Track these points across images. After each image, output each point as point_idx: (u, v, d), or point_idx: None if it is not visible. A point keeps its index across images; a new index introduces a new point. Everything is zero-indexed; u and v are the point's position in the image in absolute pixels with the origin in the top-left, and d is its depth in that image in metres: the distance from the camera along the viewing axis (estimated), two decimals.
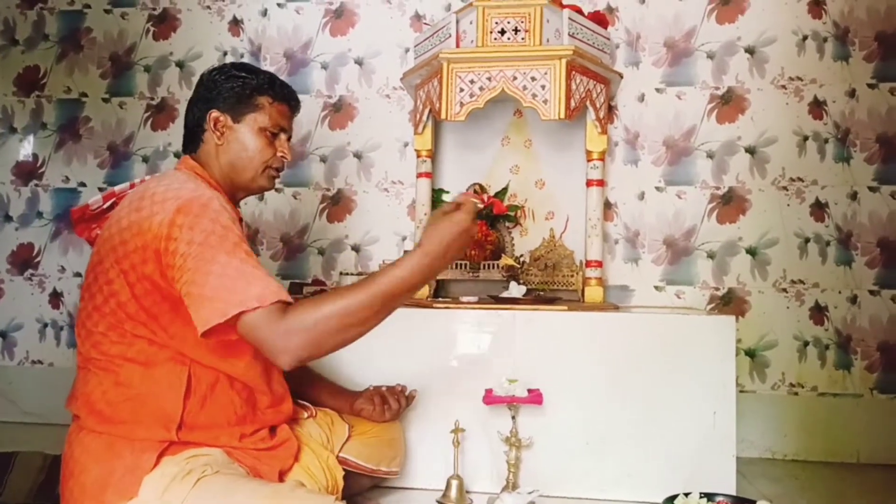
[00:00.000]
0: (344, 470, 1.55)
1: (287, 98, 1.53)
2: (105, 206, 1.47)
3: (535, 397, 1.77)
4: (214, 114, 1.45)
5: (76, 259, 2.76)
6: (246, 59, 2.70)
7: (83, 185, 2.77)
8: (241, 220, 1.47)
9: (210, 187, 1.40)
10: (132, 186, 1.46)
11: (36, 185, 2.79)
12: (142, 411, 1.27)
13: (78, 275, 2.75)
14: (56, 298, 2.76)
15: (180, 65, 2.75)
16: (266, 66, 2.68)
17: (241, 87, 1.46)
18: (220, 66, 1.52)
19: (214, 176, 1.46)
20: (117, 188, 1.48)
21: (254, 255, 1.26)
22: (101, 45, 2.79)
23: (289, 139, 1.54)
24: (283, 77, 2.62)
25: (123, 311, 1.27)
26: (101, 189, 2.75)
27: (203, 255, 1.20)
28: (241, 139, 1.46)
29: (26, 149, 2.81)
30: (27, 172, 2.80)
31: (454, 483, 1.75)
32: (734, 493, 1.74)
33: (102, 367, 1.29)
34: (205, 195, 1.29)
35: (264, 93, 1.48)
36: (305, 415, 1.59)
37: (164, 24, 2.76)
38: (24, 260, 2.78)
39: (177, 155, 2.72)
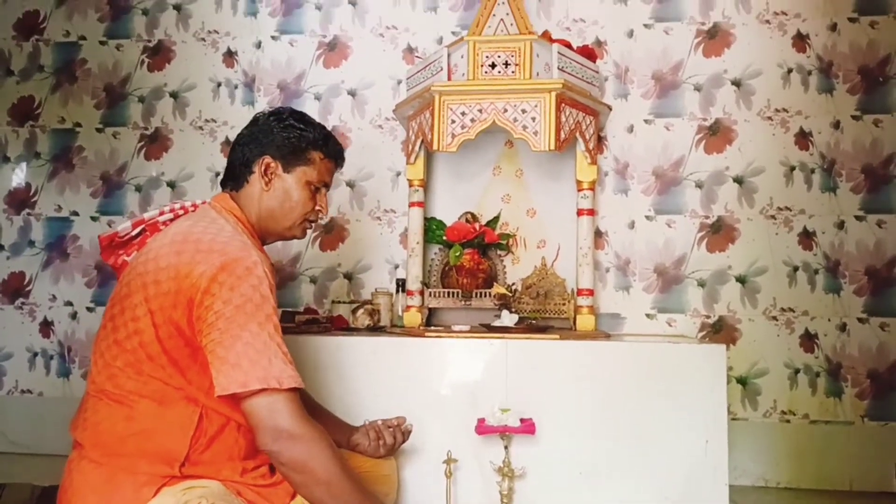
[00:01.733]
0: None
1: (336, 156, 1.55)
2: (133, 234, 1.47)
3: (527, 427, 1.77)
4: (267, 160, 1.45)
5: (67, 288, 2.75)
6: (240, 90, 2.73)
7: (76, 213, 2.77)
8: (271, 264, 1.47)
9: (245, 231, 1.41)
10: (161, 213, 1.47)
11: (28, 214, 2.80)
12: (147, 446, 1.26)
13: (69, 304, 2.74)
14: (47, 327, 2.75)
15: (174, 95, 2.77)
16: (260, 97, 2.72)
17: (298, 139, 1.47)
18: (277, 112, 1.51)
19: (251, 218, 1.46)
20: (147, 216, 1.48)
21: (280, 330, 1.27)
22: (95, 76, 2.81)
23: (326, 192, 1.57)
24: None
25: (144, 351, 1.26)
26: (93, 218, 2.76)
27: (237, 318, 1.21)
28: (288, 189, 1.47)
29: (19, 177, 2.82)
30: (20, 201, 2.80)
31: None
32: None
33: (115, 400, 1.28)
34: (251, 258, 1.28)
35: (318, 148, 1.49)
36: None
37: (159, 55, 2.79)
38: (15, 289, 2.77)
39: (170, 185, 2.74)
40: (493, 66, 2.11)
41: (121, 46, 2.81)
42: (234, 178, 1.49)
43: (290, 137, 1.47)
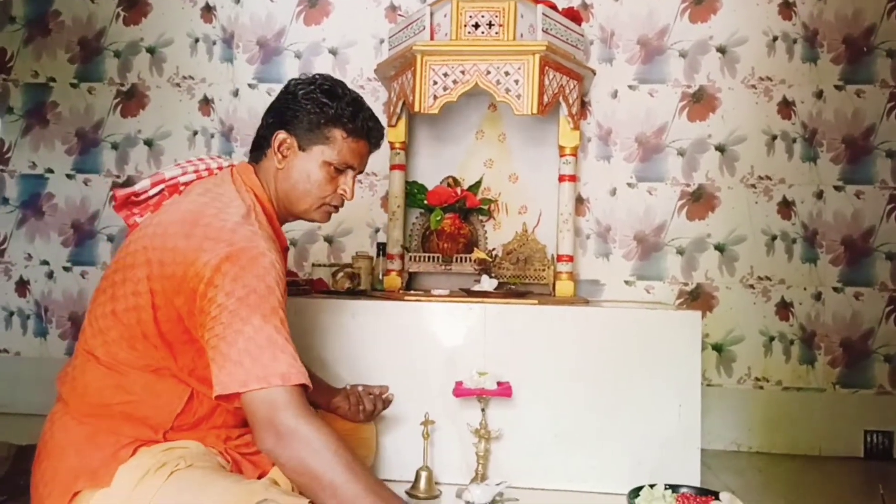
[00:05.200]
0: None
1: (367, 135, 1.41)
2: (152, 193, 1.37)
3: (504, 390, 1.78)
4: (282, 135, 1.35)
5: (43, 247, 2.71)
6: (218, 47, 2.67)
7: (51, 171, 2.72)
8: (286, 249, 1.42)
9: (264, 211, 1.34)
10: (184, 173, 1.37)
11: (2, 171, 2.74)
12: (134, 414, 1.25)
13: (45, 262, 2.70)
14: (23, 287, 2.71)
15: (151, 51, 2.70)
16: (239, 53, 2.66)
17: (318, 114, 1.35)
18: (309, 80, 1.39)
19: (271, 197, 1.38)
20: (168, 174, 1.37)
21: (286, 324, 1.19)
22: (69, 29, 2.73)
23: (357, 174, 1.44)
24: (255, 65, 2.64)
25: (140, 329, 1.22)
26: (69, 176, 2.71)
27: (239, 312, 1.14)
28: (304, 169, 1.36)
29: None
30: None
31: (423, 475, 1.76)
32: (699, 485, 1.77)
33: (107, 366, 1.26)
34: (258, 247, 1.20)
35: (340, 126, 1.36)
36: None
37: (135, 9, 2.71)
38: None
39: (147, 143, 2.69)
40: (476, 26, 2.07)
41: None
42: (254, 150, 1.41)
43: (311, 112, 1.35)
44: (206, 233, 1.20)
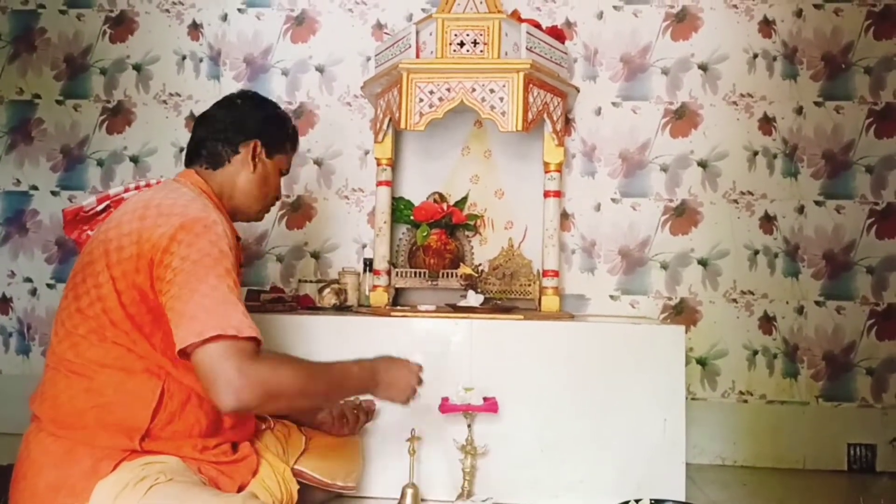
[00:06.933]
0: (299, 483, 1.55)
1: (297, 147, 1.68)
2: (98, 209, 1.49)
3: (490, 405, 1.79)
4: (258, 144, 1.52)
5: (27, 264, 2.70)
6: (205, 64, 2.68)
7: (35, 188, 2.71)
8: (238, 238, 1.49)
9: (214, 207, 1.42)
10: (126, 191, 1.50)
11: None
12: (108, 419, 1.25)
13: (28, 280, 2.69)
14: (5, 304, 2.69)
15: (137, 68, 2.71)
16: (226, 71, 2.67)
17: (284, 132, 1.60)
18: (257, 96, 1.60)
19: (221, 196, 1.50)
20: (112, 192, 1.50)
21: (238, 287, 1.29)
22: (55, 47, 2.74)
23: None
24: (242, 82, 2.67)
25: (108, 317, 1.26)
26: (53, 193, 2.70)
27: (195, 272, 1.21)
28: (268, 175, 1.56)
29: None
30: None
31: (409, 492, 1.76)
32: (684, 499, 1.78)
33: (75, 371, 1.27)
34: (210, 217, 1.30)
35: (291, 139, 1.63)
36: (263, 426, 1.59)
37: (122, 26, 2.72)
38: None
39: (133, 159, 2.69)
40: (461, 44, 2.10)
41: (81, 16, 2.73)
42: (210, 157, 1.50)
43: (280, 129, 1.59)
44: (160, 211, 1.30)
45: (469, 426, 1.81)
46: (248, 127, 1.52)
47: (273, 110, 1.59)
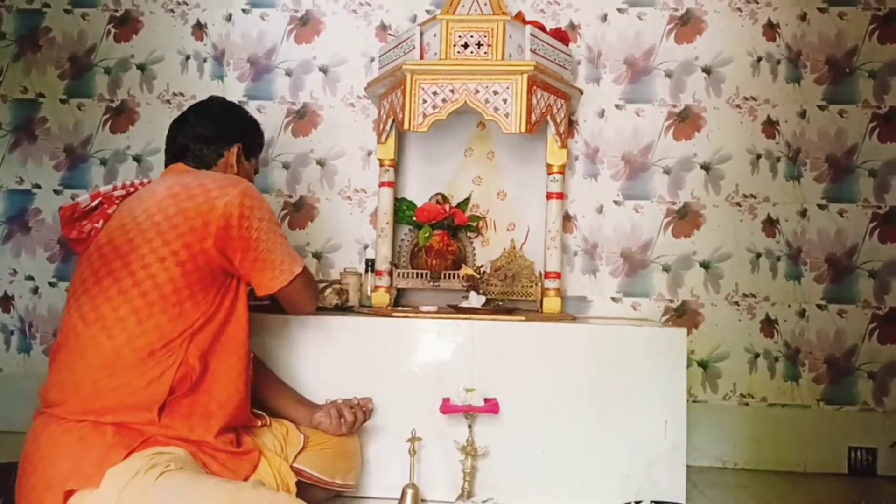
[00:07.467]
0: (299, 481, 1.56)
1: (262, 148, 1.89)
2: (93, 205, 1.53)
3: (491, 406, 1.79)
4: (240, 148, 1.72)
5: (29, 262, 2.70)
6: (209, 64, 2.69)
7: (38, 186, 2.72)
8: None
9: None
10: (115, 189, 1.56)
11: None
12: (129, 401, 1.31)
13: (30, 278, 2.69)
14: (7, 302, 2.69)
15: (141, 67, 2.71)
16: (230, 71, 2.68)
17: (259, 136, 1.82)
18: (235, 106, 1.81)
19: None
20: (102, 189, 1.57)
21: None
22: (60, 46, 2.74)
23: None
24: (246, 82, 2.68)
25: (158, 292, 1.36)
26: (56, 192, 2.71)
27: (271, 229, 1.50)
28: (247, 176, 1.74)
29: None
30: None
31: (409, 492, 1.75)
32: (684, 502, 1.78)
33: (101, 354, 1.33)
34: (249, 182, 1.54)
35: (262, 143, 1.85)
36: (259, 423, 1.60)
37: (126, 26, 2.73)
38: None
39: (136, 159, 2.69)
40: (465, 46, 2.10)
41: (86, 15, 2.73)
42: (196, 159, 1.65)
43: (257, 136, 1.81)
44: (204, 188, 1.45)
45: (470, 427, 1.81)
46: (231, 133, 1.70)
47: (247, 115, 1.80)
